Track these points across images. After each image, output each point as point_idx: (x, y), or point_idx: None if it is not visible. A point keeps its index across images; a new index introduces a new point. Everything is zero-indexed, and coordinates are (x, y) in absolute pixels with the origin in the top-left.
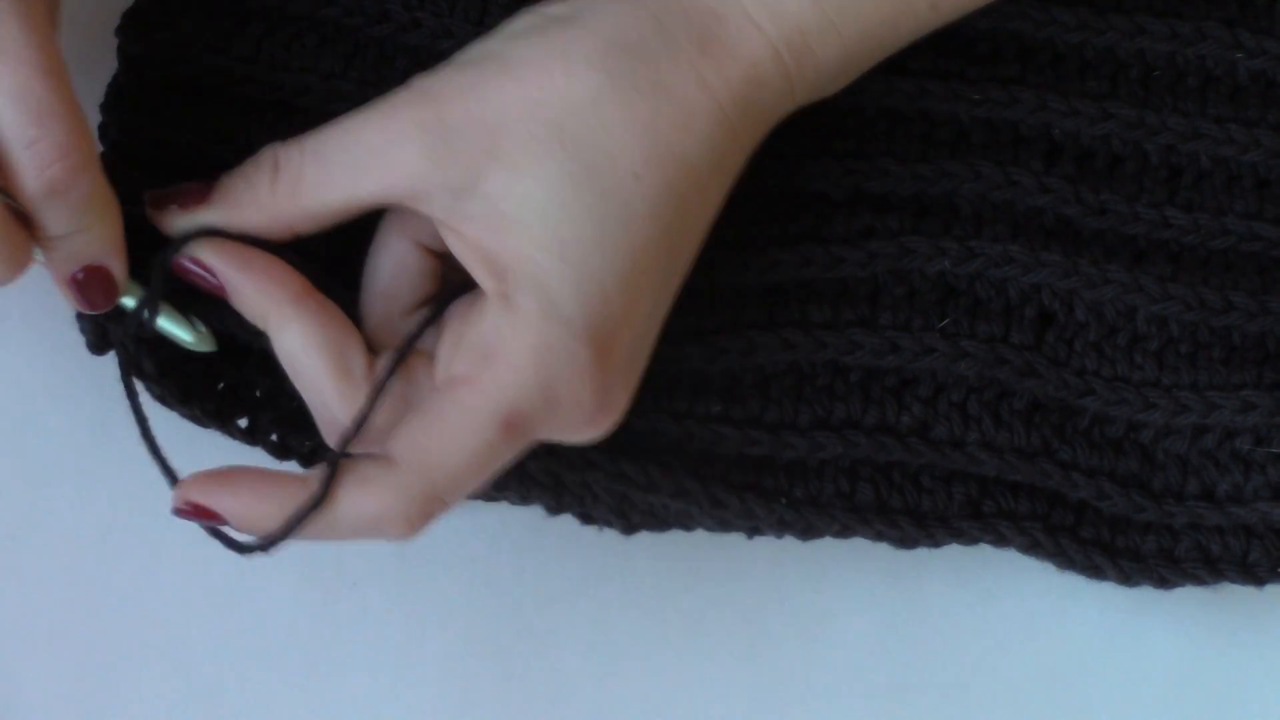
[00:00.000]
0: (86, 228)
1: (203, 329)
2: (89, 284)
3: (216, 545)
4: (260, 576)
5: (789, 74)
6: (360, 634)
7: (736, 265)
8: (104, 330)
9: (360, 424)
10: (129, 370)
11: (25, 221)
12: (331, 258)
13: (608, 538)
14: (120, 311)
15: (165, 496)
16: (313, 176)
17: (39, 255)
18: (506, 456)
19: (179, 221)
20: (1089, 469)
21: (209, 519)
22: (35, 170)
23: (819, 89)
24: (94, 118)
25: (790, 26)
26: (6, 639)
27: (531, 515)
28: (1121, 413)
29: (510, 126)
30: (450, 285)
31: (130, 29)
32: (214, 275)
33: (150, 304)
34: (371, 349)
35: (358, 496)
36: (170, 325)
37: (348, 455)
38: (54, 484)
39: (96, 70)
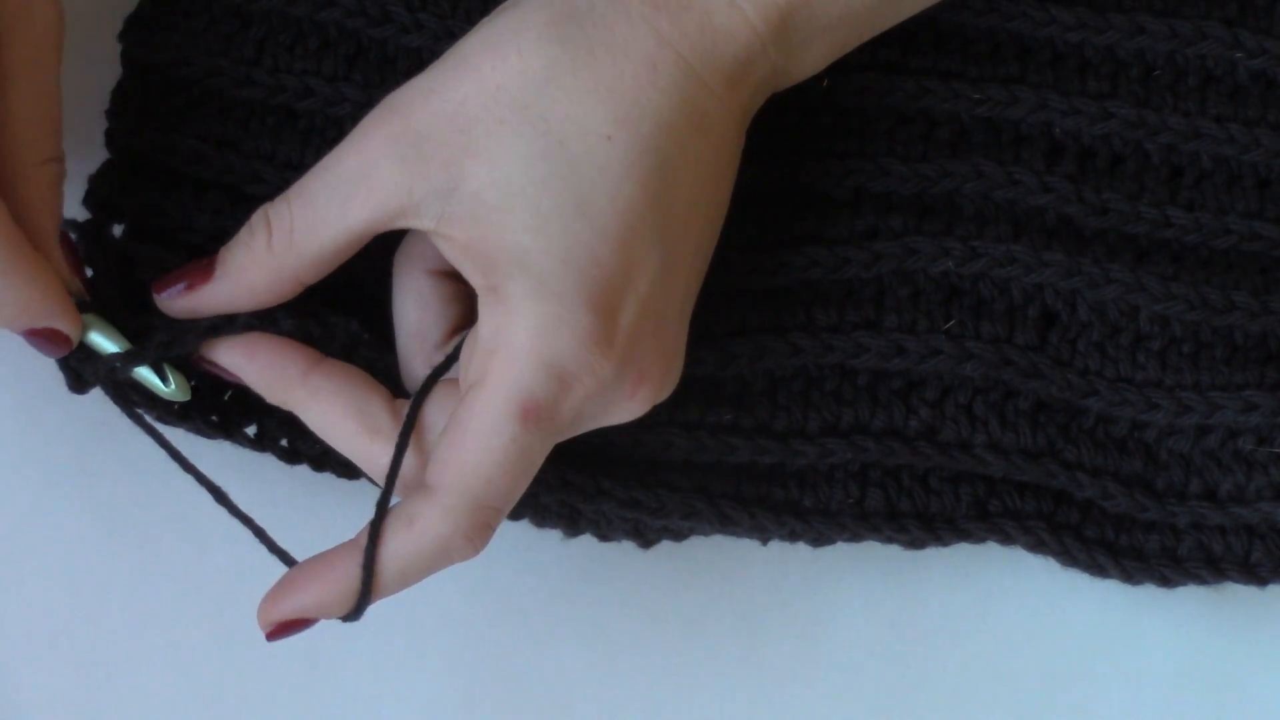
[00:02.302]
0: (10, 301)
1: (175, 380)
2: (40, 338)
3: (216, 545)
4: (260, 576)
5: (750, 22)
6: (360, 634)
7: (745, 268)
8: (79, 374)
9: (392, 480)
10: (122, 401)
11: None
12: (360, 300)
13: None
14: (89, 351)
15: (165, 496)
16: (303, 221)
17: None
18: (540, 446)
19: (188, 303)
20: (1094, 469)
21: (300, 627)
22: None
23: (789, 48)
24: (99, 123)
25: None
26: (6, 639)
27: None
28: (1125, 413)
29: (477, 117)
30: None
31: (132, 34)
32: (226, 372)
33: (126, 361)
34: (414, 384)
35: (410, 538)
36: (145, 375)
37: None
38: (54, 484)
39: (100, 75)
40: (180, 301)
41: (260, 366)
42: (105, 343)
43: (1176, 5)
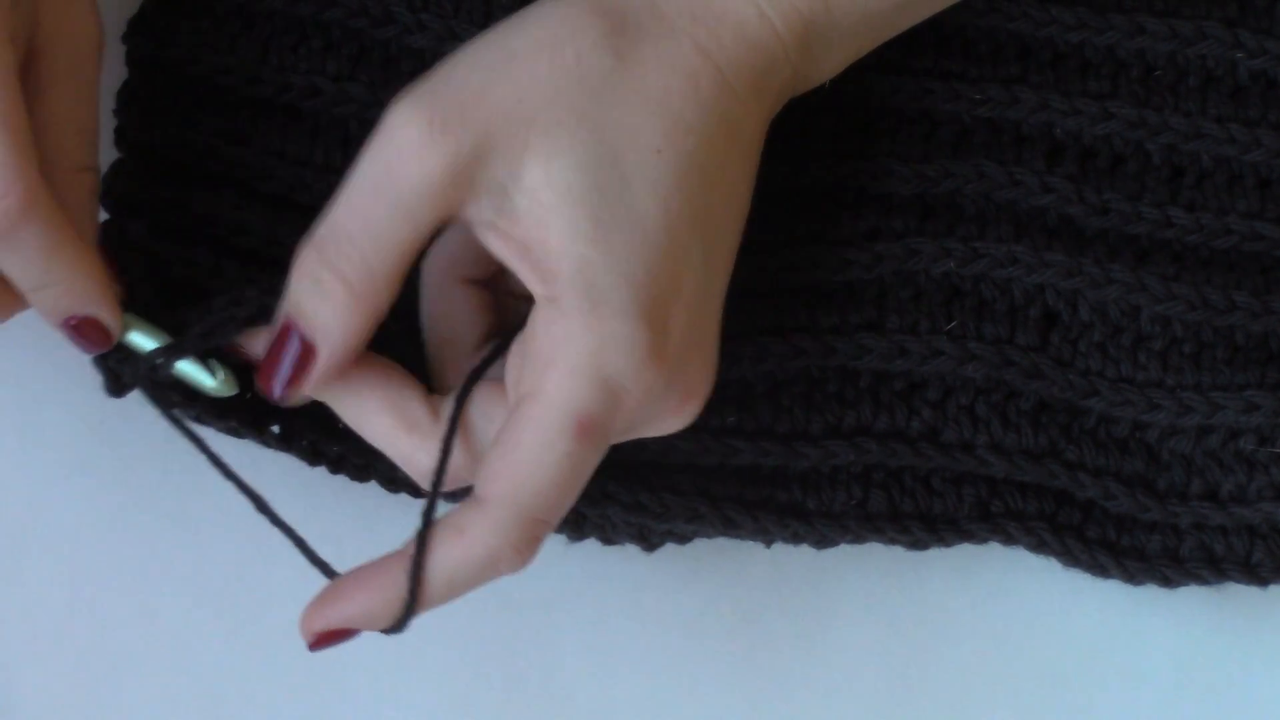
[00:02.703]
0: (55, 282)
1: (222, 374)
2: (80, 332)
3: (216, 545)
4: (260, 576)
5: (776, 31)
6: (360, 634)
7: (747, 269)
8: (118, 375)
9: (439, 481)
10: (162, 403)
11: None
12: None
13: None
14: (128, 351)
15: (165, 496)
16: (375, 254)
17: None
18: (592, 460)
19: (308, 390)
20: (1095, 469)
21: (343, 638)
22: None
23: (809, 54)
24: (105, 122)
25: None
26: (6, 639)
27: None
28: (1126, 413)
29: (534, 117)
30: (510, 323)
31: (137, 34)
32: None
33: (169, 355)
34: (445, 392)
35: (459, 548)
36: (189, 370)
37: (433, 520)
38: (54, 484)
39: (105, 77)
40: (305, 389)
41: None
42: (145, 341)
43: (1177, 5)
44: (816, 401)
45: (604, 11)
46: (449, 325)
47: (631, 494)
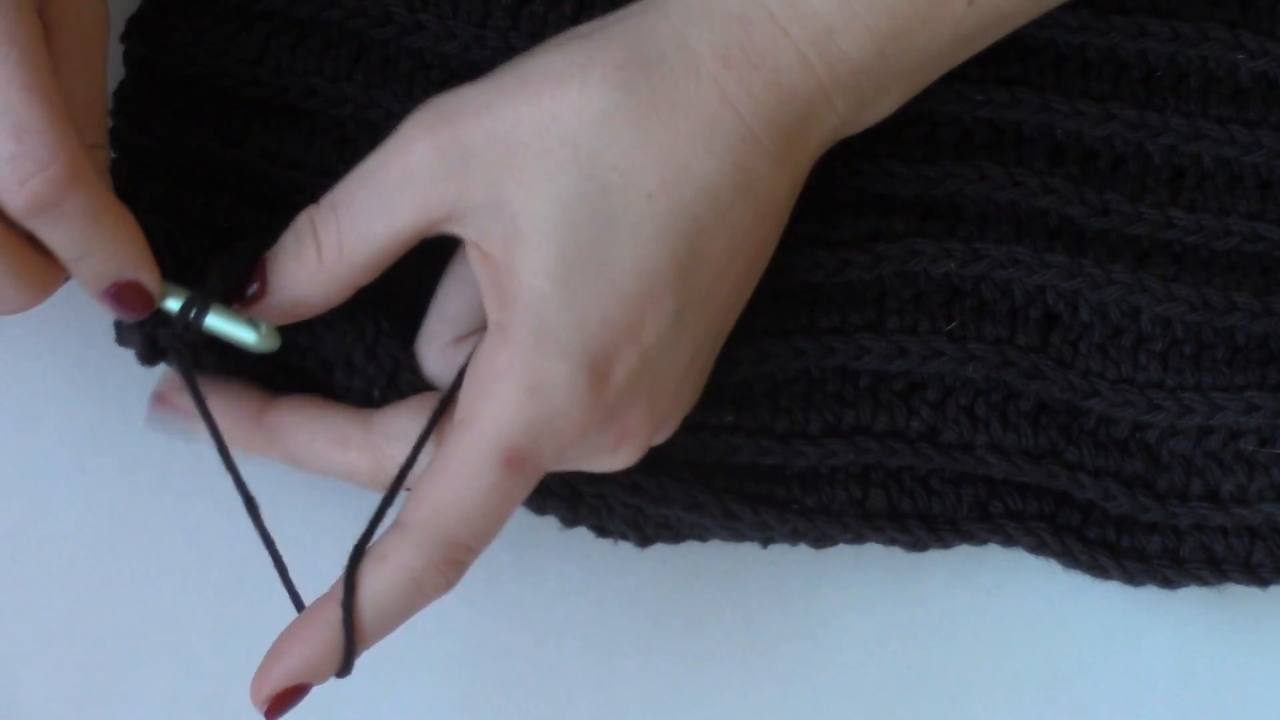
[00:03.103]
0: (98, 248)
1: (264, 326)
2: (121, 298)
3: (216, 545)
4: (260, 576)
5: (819, 79)
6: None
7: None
8: (153, 338)
9: (376, 521)
10: (190, 373)
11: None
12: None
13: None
14: (166, 317)
15: (165, 496)
16: (351, 231)
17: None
18: (518, 493)
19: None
20: (1095, 470)
21: (296, 696)
22: (15, 185)
23: (862, 99)
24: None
25: (816, 26)
26: (6, 639)
27: (532, 515)
28: (1126, 414)
29: (526, 143)
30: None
31: (135, 34)
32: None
33: (201, 301)
34: (419, 369)
35: (383, 574)
36: (225, 325)
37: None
38: (54, 484)
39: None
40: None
41: (218, 410)
42: (175, 305)
43: (1179, 7)
44: (816, 401)
45: (626, 44)
46: (458, 305)
47: (629, 474)
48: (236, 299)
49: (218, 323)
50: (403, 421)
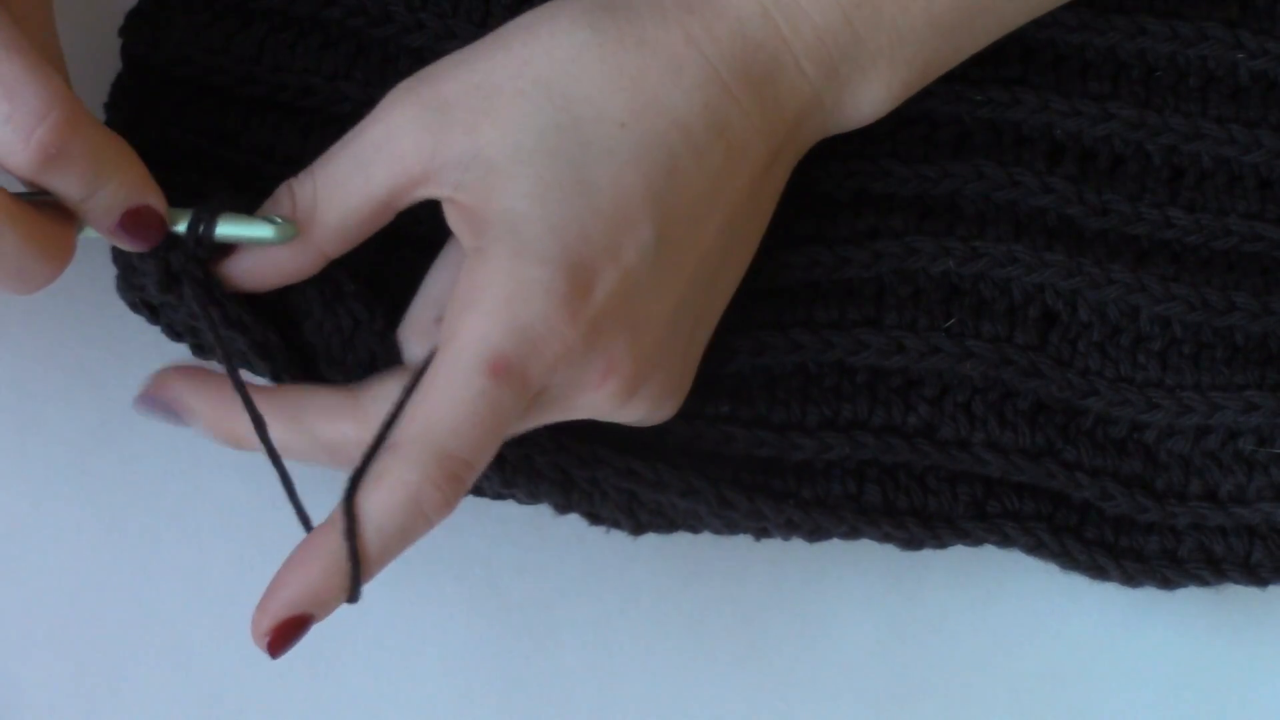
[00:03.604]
0: (104, 183)
1: (279, 219)
2: (135, 227)
3: (216, 545)
4: (260, 576)
5: (782, 34)
6: (360, 634)
7: (748, 268)
8: (167, 263)
9: (379, 441)
10: (205, 295)
11: (56, 210)
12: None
13: (608, 538)
14: (173, 238)
15: (165, 496)
16: (326, 190)
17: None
18: (510, 404)
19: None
20: (1093, 469)
21: (300, 626)
22: (21, 142)
23: (834, 72)
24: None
25: None
26: (6, 639)
27: (532, 515)
28: (1125, 413)
29: (500, 87)
30: None
31: (133, 29)
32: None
33: (210, 209)
34: (400, 358)
35: (380, 494)
36: (238, 229)
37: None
38: (54, 484)
39: (100, 72)
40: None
41: (200, 407)
42: (245, 229)
43: (1178, 6)
44: (813, 395)
45: None
46: (442, 288)
47: (624, 459)
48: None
49: (230, 229)
50: (389, 386)
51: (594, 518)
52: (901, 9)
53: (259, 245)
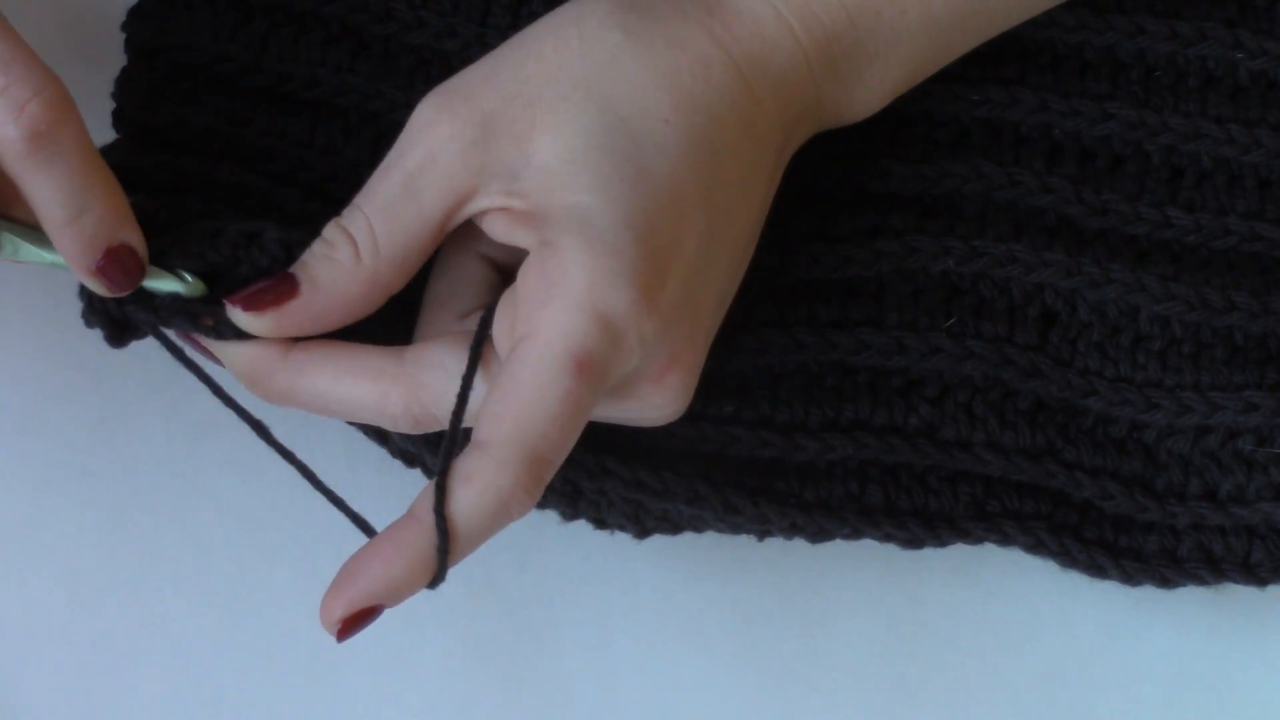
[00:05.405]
0: (92, 203)
1: (189, 278)
2: (113, 267)
3: (216, 545)
4: (260, 576)
5: (796, 36)
6: (360, 634)
7: (749, 266)
8: (123, 322)
9: (459, 418)
10: (175, 350)
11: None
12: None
13: (608, 537)
14: (144, 293)
15: (165, 496)
16: (383, 226)
17: (26, 255)
18: (590, 402)
19: (274, 322)
20: (1093, 469)
21: (372, 615)
22: (12, 115)
23: (835, 73)
24: (104, 114)
25: None
26: (6, 639)
27: (532, 515)
28: (1125, 413)
29: (540, 94)
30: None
31: (137, 22)
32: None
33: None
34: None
35: (470, 494)
36: (157, 284)
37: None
38: (54, 484)
39: (102, 68)
40: (269, 321)
41: (240, 358)
42: (154, 283)
43: (1177, 6)
44: (815, 395)
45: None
46: (450, 287)
47: (631, 471)
48: (266, 303)
49: (151, 284)
50: (437, 351)
51: (600, 523)
52: (899, 12)
53: (306, 289)
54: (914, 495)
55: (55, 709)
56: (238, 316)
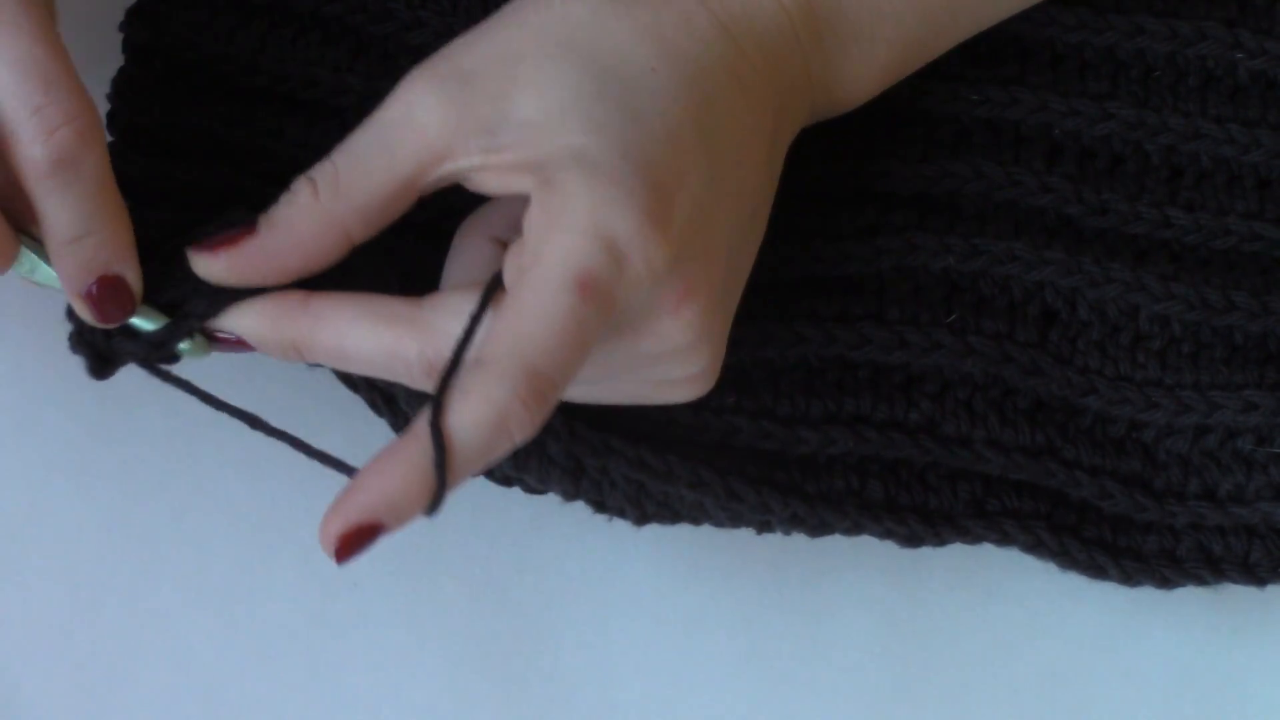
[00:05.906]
0: (99, 227)
1: (199, 338)
2: (103, 297)
3: (216, 545)
4: (260, 576)
5: (782, 3)
6: (360, 634)
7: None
8: (109, 357)
9: (458, 357)
10: (160, 373)
11: (11, 218)
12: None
13: (608, 537)
14: (130, 330)
15: (165, 496)
16: (348, 170)
17: (42, 278)
18: (596, 323)
19: (231, 262)
20: (1092, 468)
21: (371, 534)
22: (42, 136)
23: (821, 44)
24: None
25: None
26: (6, 639)
27: (532, 514)
28: (1124, 412)
29: (523, 53)
30: None
31: (134, 22)
32: (240, 343)
33: (169, 337)
34: None
35: (467, 408)
36: (146, 323)
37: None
38: (54, 484)
39: (101, 68)
40: (223, 261)
41: (259, 310)
42: (143, 322)
43: (1176, 6)
44: (816, 389)
45: None
46: (464, 271)
47: (635, 450)
48: (220, 243)
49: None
50: (454, 299)
51: (600, 506)
52: None
53: (263, 228)
54: (914, 492)
55: (55, 709)
56: (197, 262)
